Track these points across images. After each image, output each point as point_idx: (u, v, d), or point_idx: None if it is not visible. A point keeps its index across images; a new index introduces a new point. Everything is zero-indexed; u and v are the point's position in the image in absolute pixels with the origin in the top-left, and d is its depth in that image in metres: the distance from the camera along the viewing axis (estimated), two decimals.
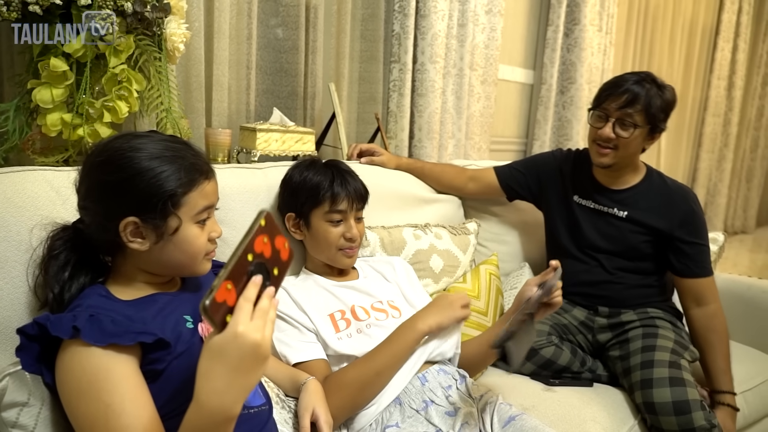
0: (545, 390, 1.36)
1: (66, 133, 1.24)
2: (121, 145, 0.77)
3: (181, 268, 0.83)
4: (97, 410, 0.66)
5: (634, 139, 1.45)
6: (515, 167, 1.72)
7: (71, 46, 1.18)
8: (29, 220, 0.89)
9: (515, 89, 3.00)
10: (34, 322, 0.71)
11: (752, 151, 5.21)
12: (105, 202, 0.76)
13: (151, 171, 0.75)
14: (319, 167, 1.24)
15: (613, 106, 1.44)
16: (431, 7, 2.21)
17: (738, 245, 5.01)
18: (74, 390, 0.68)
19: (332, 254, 1.22)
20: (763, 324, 1.71)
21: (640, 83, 1.43)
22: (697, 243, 1.49)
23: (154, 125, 1.45)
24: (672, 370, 1.30)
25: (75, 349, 0.68)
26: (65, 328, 0.68)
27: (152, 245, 0.77)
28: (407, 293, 1.29)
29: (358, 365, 1.08)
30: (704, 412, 1.25)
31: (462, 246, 1.60)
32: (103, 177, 0.76)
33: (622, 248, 1.53)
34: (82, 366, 0.68)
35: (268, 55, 1.96)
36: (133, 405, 0.68)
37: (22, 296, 0.86)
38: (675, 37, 3.99)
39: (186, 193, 0.78)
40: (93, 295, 0.77)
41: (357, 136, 2.26)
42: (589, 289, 1.55)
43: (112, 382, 0.68)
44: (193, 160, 0.80)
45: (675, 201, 1.50)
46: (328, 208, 1.19)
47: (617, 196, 1.54)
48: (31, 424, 0.72)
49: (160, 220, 0.76)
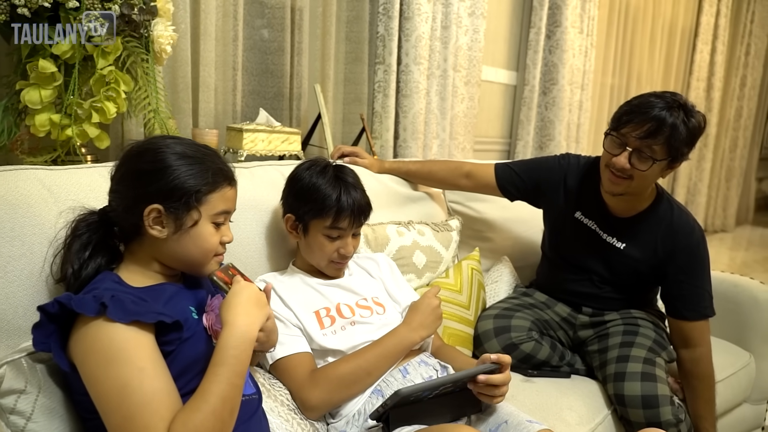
0: (524, 381, 1.40)
1: (54, 134, 1.26)
2: (159, 140, 0.88)
3: (191, 263, 0.89)
4: (131, 373, 0.72)
5: (652, 172, 1.31)
6: (514, 169, 1.62)
7: (60, 48, 1.20)
8: (22, 217, 0.92)
9: (498, 90, 3.05)
10: (55, 301, 0.76)
11: (731, 151, 5.32)
12: (136, 187, 0.84)
13: (181, 166, 0.85)
14: (330, 177, 1.21)
15: (633, 135, 1.28)
16: (415, 10, 2.25)
17: (718, 244, 5.12)
18: (103, 358, 0.73)
19: (323, 264, 1.24)
20: (733, 317, 1.77)
21: (670, 110, 1.26)
22: (691, 283, 1.41)
23: (142, 125, 1.48)
24: (646, 365, 1.33)
25: (100, 324, 0.74)
26: (90, 306, 0.74)
27: (170, 234, 0.85)
28: (391, 289, 1.33)
29: (349, 362, 1.11)
30: (672, 407, 1.29)
31: (444, 242, 1.64)
32: (139, 165, 0.85)
33: (614, 274, 1.50)
34: (110, 337, 0.74)
35: (254, 57, 1.99)
36: (163, 372, 0.76)
37: (17, 290, 0.89)
38: (655, 39, 4.07)
39: (209, 193, 0.87)
40: (107, 281, 0.82)
41: (343, 136, 2.29)
42: (576, 298, 1.57)
43: (143, 350, 0.75)
44: (220, 166, 0.90)
45: (677, 236, 1.40)
46: (329, 224, 1.18)
47: (619, 224, 1.46)
48: (29, 411, 0.75)
49: (182, 212, 0.84)
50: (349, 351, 1.15)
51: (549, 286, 1.63)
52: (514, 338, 1.46)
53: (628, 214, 1.45)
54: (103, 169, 1.11)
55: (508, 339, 1.46)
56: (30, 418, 0.75)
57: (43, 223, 0.93)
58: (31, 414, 0.75)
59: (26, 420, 0.75)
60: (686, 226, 1.42)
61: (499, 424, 1.08)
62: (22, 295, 0.89)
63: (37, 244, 0.91)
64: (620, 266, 1.48)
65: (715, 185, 5.22)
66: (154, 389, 0.73)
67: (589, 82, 3.28)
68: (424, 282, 1.56)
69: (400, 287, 1.34)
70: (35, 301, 0.90)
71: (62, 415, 0.78)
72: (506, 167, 1.63)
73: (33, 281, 0.90)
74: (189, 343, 0.83)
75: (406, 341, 1.15)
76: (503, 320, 1.50)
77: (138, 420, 0.71)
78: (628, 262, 1.46)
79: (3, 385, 0.73)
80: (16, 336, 0.88)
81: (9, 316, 0.87)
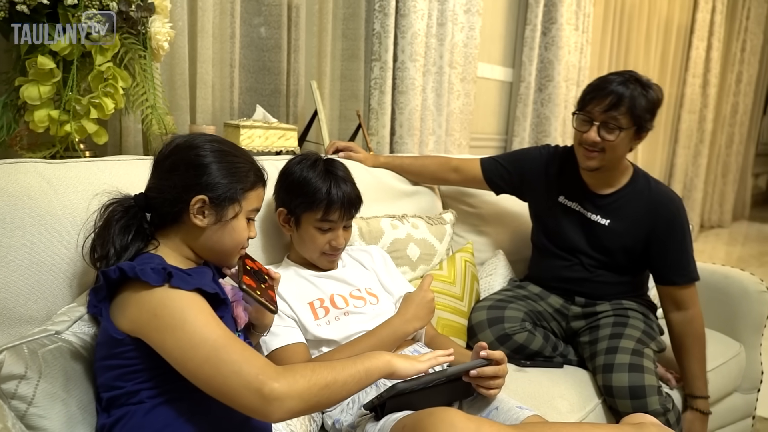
0: (517, 370, 1.43)
1: (53, 130, 1.28)
2: (205, 137, 0.94)
3: (221, 253, 0.95)
4: (207, 321, 0.78)
5: (621, 141, 1.41)
6: (500, 162, 1.69)
7: (58, 45, 1.22)
8: (22, 209, 0.94)
9: (494, 87, 3.07)
10: (118, 268, 0.80)
11: (727, 147, 5.35)
12: (186, 177, 0.89)
13: (230, 163, 0.92)
14: (320, 171, 1.24)
15: (598, 110, 1.40)
16: (411, 7, 2.27)
17: (714, 239, 5.15)
18: (178, 318, 0.77)
19: (315, 256, 1.27)
20: (723, 308, 1.79)
21: (625, 84, 1.38)
22: (676, 249, 1.48)
23: (140, 122, 1.50)
24: (634, 357, 1.36)
25: (166, 290, 0.79)
26: (154, 276, 0.78)
27: (209, 224, 0.90)
28: (384, 280, 1.35)
29: (343, 352, 1.14)
30: (660, 397, 1.32)
31: (438, 235, 1.66)
32: (190, 157, 0.91)
33: (603, 252, 1.54)
34: (179, 297, 0.79)
35: (251, 54, 2.00)
36: (227, 325, 0.81)
37: (17, 280, 0.91)
38: (651, 36, 4.09)
39: (249, 190, 0.94)
40: (156, 259, 0.86)
41: (339, 132, 2.31)
42: (568, 284, 1.60)
43: (209, 311, 0.81)
44: (258, 168, 0.98)
45: (658, 207, 1.48)
46: (320, 216, 1.22)
47: (601, 201, 1.53)
48: (30, 395, 0.77)
49: (225, 204, 0.91)
50: (343, 341, 1.17)
51: (542, 277, 1.66)
52: (507, 329, 1.48)
53: (609, 191, 1.53)
54: (101, 162, 1.13)
55: (502, 330, 1.48)
56: (31, 402, 0.77)
57: (43, 214, 0.96)
58: (33, 398, 0.77)
59: (28, 404, 0.77)
60: (665, 196, 1.50)
61: (490, 410, 1.11)
62: (22, 284, 0.91)
63: (37, 235, 0.94)
64: (608, 243, 1.53)
65: (712, 181, 5.24)
66: (228, 334, 0.78)
67: (584, 79, 3.29)
68: (418, 274, 1.59)
69: (393, 278, 1.37)
70: (35, 290, 0.92)
71: (64, 399, 0.80)
72: (492, 160, 1.70)
73: (33, 271, 0.93)
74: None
75: (399, 332, 1.17)
76: (497, 311, 1.52)
77: (224, 355, 0.75)
78: (614, 237, 1.51)
79: (3, 371, 0.75)
80: (17, 324, 0.90)
81: (10, 305, 0.89)
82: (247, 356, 0.76)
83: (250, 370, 0.74)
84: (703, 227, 5.31)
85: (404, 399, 1.03)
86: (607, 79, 1.42)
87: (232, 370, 0.74)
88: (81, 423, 0.83)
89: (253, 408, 0.74)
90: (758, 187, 7.09)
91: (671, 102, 4.52)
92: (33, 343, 0.82)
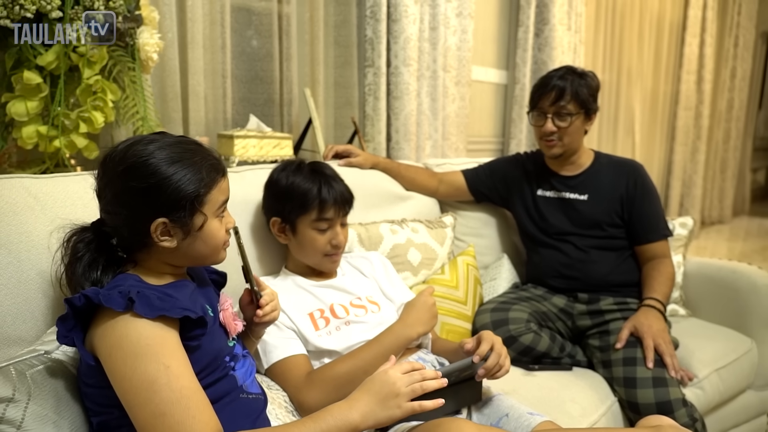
0: (525, 374, 1.39)
1: (42, 146, 1.25)
2: (140, 151, 0.80)
3: (204, 258, 0.89)
4: (158, 370, 0.72)
5: (574, 126, 1.59)
6: (482, 171, 1.82)
7: (44, 59, 1.20)
8: (8, 225, 0.91)
9: (490, 89, 3.05)
10: (82, 295, 0.75)
11: (725, 143, 5.34)
12: (134, 206, 0.80)
13: (175, 175, 0.80)
14: (306, 173, 1.23)
15: (547, 104, 1.58)
16: (402, 12, 2.25)
17: (716, 235, 5.12)
18: (131, 353, 0.73)
19: (318, 260, 1.24)
20: (732, 303, 1.76)
21: (563, 78, 1.57)
22: (648, 209, 1.62)
23: (131, 134, 1.47)
24: (655, 369, 1.35)
25: (127, 319, 0.74)
26: (117, 301, 0.74)
27: (180, 242, 0.83)
28: (385, 287, 1.32)
29: (345, 361, 1.10)
30: (686, 408, 1.31)
31: (439, 239, 1.63)
32: (130, 184, 0.80)
33: (588, 226, 1.63)
34: (138, 332, 0.74)
35: (243, 64, 1.99)
36: (188, 370, 0.76)
37: (4, 299, 0.88)
38: (643, 34, 4.09)
39: (208, 192, 0.84)
40: (130, 280, 0.81)
41: (335, 140, 2.29)
42: (567, 270, 1.61)
43: (168, 348, 0.75)
44: (210, 161, 0.86)
45: (624, 173, 1.65)
46: (315, 216, 1.20)
47: (573, 181, 1.68)
48: (18, 418, 0.74)
49: (188, 218, 0.82)
50: (344, 351, 1.14)
51: (541, 273, 1.68)
52: (512, 330, 1.45)
53: (577, 172, 1.68)
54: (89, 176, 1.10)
55: (507, 332, 1.45)
56: (20, 426, 0.73)
57: (30, 231, 0.93)
58: (22, 422, 0.73)
59: (17, 429, 0.73)
60: (627, 164, 1.68)
61: (500, 417, 1.07)
62: (9, 304, 0.88)
63: (24, 252, 0.91)
64: (591, 216, 1.63)
65: (710, 177, 5.23)
66: (181, 387, 0.73)
67: None
68: (420, 279, 1.56)
69: (394, 285, 1.34)
70: (23, 309, 0.89)
71: (55, 421, 0.77)
72: (473, 170, 1.84)
73: (21, 289, 0.89)
74: (209, 338, 0.83)
75: (401, 338, 1.14)
76: (501, 313, 1.49)
77: (168, 417, 0.71)
78: (596, 211, 1.63)
79: None
80: (5, 345, 0.87)
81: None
82: (194, 420, 0.72)
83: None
84: (703, 224, 5.29)
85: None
86: (548, 77, 1.61)
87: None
88: None
89: None
90: (757, 182, 7.08)
91: (666, 99, 4.51)
92: (21, 364, 0.79)
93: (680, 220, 1.95)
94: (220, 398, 0.83)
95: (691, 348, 1.58)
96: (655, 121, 4.42)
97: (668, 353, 1.38)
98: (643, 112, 4.23)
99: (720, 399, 1.57)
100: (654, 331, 1.40)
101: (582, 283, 1.59)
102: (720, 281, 1.79)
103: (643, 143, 4.27)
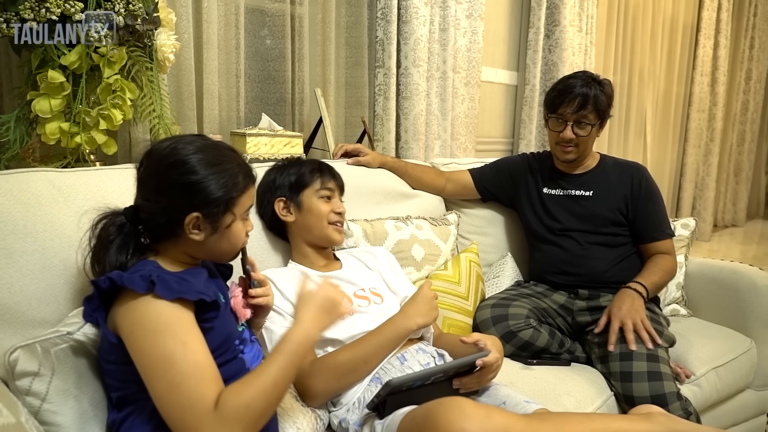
0: (523, 368, 1.43)
1: (64, 141, 1.32)
2: (182, 149, 0.89)
3: (222, 256, 0.97)
4: (175, 346, 0.79)
5: (591, 134, 1.63)
6: (489, 169, 1.85)
7: (67, 59, 1.26)
8: (34, 215, 0.98)
9: (499, 90, 3.08)
10: (107, 278, 0.82)
11: (739, 145, 5.29)
12: (174, 198, 0.88)
13: (216, 175, 0.89)
14: (302, 161, 1.39)
15: (569, 111, 1.60)
16: (413, 13, 2.30)
17: (729, 238, 5.08)
18: (151, 330, 0.80)
19: (324, 229, 1.33)
20: (733, 303, 1.78)
21: (587, 85, 1.58)
22: (653, 209, 1.65)
23: (148, 131, 1.54)
24: (650, 363, 1.37)
25: (148, 300, 0.81)
26: (139, 284, 0.81)
27: (207, 236, 0.90)
28: (389, 280, 1.37)
29: (347, 351, 1.15)
30: (681, 402, 1.33)
31: (443, 236, 1.68)
32: (173, 178, 0.88)
33: (592, 222, 1.66)
34: (158, 312, 0.81)
35: (256, 64, 2.05)
36: (202, 346, 0.83)
37: (30, 284, 0.94)
38: (656, 36, 4.08)
39: (240, 195, 0.93)
40: (149, 265, 0.88)
41: (345, 139, 2.34)
42: (567, 266, 1.65)
43: (185, 326, 0.82)
44: (246, 168, 0.95)
45: (629, 173, 1.69)
46: (319, 186, 1.34)
47: (580, 179, 1.72)
48: (43, 391, 0.80)
49: (220, 216, 0.90)
50: (347, 340, 1.19)
51: (541, 269, 1.72)
52: (512, 326, 1.49)
53: (583, 171, 1.73)
54: (110, 171, 1.17)
55: (507, 327, 1.49)
56: (45, 398, 0.80)
57: (54, 220, 0.99)
58: (46, 395, 0.80)
59: (41, 401, 0.80)
60: (631, 166, 1.72)
61: (497, 405, 1.11)
62: (35, 288, 0.94)
63: (48, 240, 0.97)
64: (594, 211, 1.66)
65: (724, 180, 5.19)
66: (196, 361, 0.80)
67: None
68: (423, 275, 1.60)
69: (397, 279, 1.38)
70: (47, 293, 0.96)
71: (76, 395, 0.83)
72: (480, 169, 1.87)
73: (45, 275, 0.96)
74: (221, 321, 0.91)
75: (402, 329, 1.17)
76: (501, 309, 1.53)
77: (183, 388, 0.78)
78: (600, 206, 1.66)
79: (17, 368, 0.78)
80: (30, 327, 0.94)
81: (23, 308, 0.93)
82: (207, 390, 0.79)
83: (197, 410, 0.77)
84: (716, 226, 5.25)
85: (405, 397, 1.04)
86: (571, 84, 1.60)
87: (186, 402, 0.78)
88: (93, 419, 0.86)
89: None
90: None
91: (679, 101, 4.50)
92: (45, 342, 0.85)
93: (682, 221, 1.97)
94: (229, 378, 0.89)
95: (690, 346, 1.60)
96: (667, 123, 4.41)
97: (640, 328, 1.41)
98: (655, 113, 4.23)
99: (717, 397, 1.59)
100: (623, 312, 1.43)
101: (582, 279, 1.62)
102: (721, 281, 1.81)
103: (655, 145, 4.27)
